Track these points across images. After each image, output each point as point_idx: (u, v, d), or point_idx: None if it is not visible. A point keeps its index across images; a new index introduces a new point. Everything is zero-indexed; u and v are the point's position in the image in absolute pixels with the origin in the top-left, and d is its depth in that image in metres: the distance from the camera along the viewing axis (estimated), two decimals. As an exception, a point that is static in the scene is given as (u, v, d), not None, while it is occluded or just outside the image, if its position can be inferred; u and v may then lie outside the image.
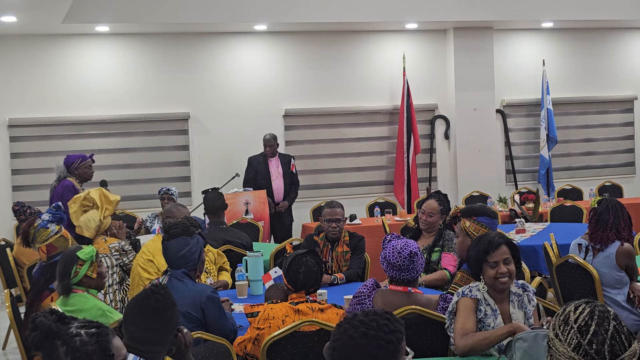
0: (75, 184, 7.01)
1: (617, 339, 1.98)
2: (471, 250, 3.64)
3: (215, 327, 3.83)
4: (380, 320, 2.23)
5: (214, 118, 9.86)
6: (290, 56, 10.16)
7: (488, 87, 10.59)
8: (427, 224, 5.45)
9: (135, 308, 2.79)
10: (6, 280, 6.75)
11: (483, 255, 3.53)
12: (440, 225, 5.44)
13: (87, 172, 7.21)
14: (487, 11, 9.98)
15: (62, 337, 2.06)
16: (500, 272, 3.49)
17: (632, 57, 11.51)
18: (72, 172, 7.09)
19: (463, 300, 3.50)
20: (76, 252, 4.19)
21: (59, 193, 6.87)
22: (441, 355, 3.72)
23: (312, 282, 3.86)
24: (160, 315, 2.77)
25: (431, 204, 5.48)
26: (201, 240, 4.07)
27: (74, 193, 6.84)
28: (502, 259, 3.52)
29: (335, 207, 5.66)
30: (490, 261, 3.51)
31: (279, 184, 9.00)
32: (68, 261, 4.16)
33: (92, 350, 2.06)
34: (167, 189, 8.00)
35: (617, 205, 4.97)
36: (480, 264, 3.54)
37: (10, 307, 4.61)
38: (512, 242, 3.63)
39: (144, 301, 2.79)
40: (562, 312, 2.07)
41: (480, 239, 3.63)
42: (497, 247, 3.54)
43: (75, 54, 9.49)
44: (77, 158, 7.18)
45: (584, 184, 10.49)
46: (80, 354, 2.05)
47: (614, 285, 4.91)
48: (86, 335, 2.07)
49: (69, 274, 4.12)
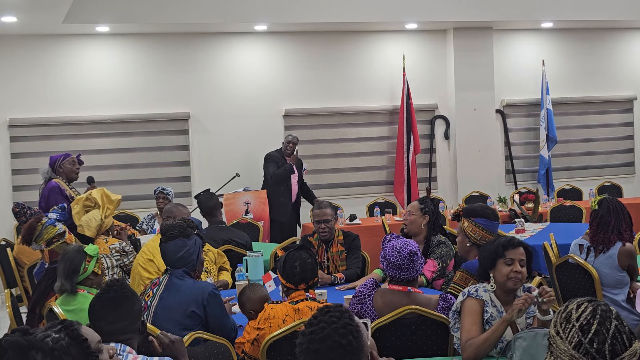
0: (61, 184, 6.93)
1: (619, 338, 1.98)
2: (488, 244, 3.63)
3: (217, 325, 3.83)
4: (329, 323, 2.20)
5: (214, 118, 9.87)
6: (290, 56, 10.17)
7: (488, 87, 10.60)
8: (407, 223, 5.37)
9: (97, 305, 3.01)
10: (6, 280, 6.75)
11: (502, 249, 3.52)
12: (422, 226, 5.34)
13: (72, 169, 7.10)
14: (487, 11, 9.98)
15: (35, 345, 2.05)
16: (515, 271, 3.48)
17: (632, 57, 11.51)
18: (57, 171, 7.04)
19: (469, 301, 3.48)
20: (83, 249, 4.20)
21: (45, 195, 6.83)
22: (441, 355, 3.72)
23: (310, 273, 3.83)
24: (121, 304, 2.98)
25: (412, 203, 5.46)
26: (199, 241, 4.07)
27: (60, 194, 6.81)
28: (518, 259, 3.52)
29: (323, 208, 5.63)
30: (508, 257, 3.50)
31: (295, 185, 9.06)
32: (76, 258, 4.16)
33: (66, 343, 2.08)
34: (163, 189, 8.01)
35: (618, 206, 4.97)
36: (495, 260, 3.51)
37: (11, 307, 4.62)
38: (528, 248, 3.63)
39: (102, 296, 3.03)
40: (564, 309, 2.06)
41: (498, 238, 3.65)
42: (516, 246, 3.55)
43: (76, 54, 9.49)
44: (60, 156, 7.14)
45: (584, 184, 10.50)
46: (57, 352, 2.05)
47: (614, 285, 4.92)
48: (54, 333, 2.09)
49: (78, 270, 4.12)
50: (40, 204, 6.80)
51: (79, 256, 4.16)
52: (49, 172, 7.03)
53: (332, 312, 2.21)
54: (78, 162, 7.21)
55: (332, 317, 2.19)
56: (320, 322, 2.19)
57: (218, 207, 6.44)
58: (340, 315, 2.20)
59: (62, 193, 6.86)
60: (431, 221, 5.35)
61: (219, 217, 6.42)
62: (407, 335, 3.74)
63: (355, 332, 2.19)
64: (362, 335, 2.20)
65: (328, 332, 2.16)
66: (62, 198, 6.77)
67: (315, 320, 2.21)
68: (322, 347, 2.15)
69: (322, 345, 2.15)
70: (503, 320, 3.34)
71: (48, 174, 7.02)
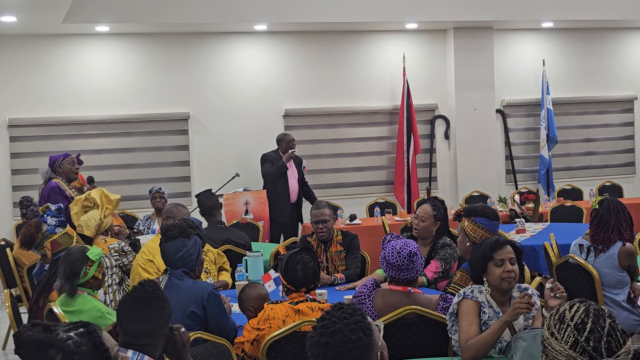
0: (61, 185, 6.96)
1: (613, 335, 1.99)
2: (475, 249, 3.62)
3: (216, 325, 3.83)
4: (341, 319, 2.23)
5: (214, 118, 9.86)
6: (290, 56, 10.16)
7: (488, 87, 10.59)
8: (419, 229, 5.34)
9: (126, 303, 2.88)
10: (6, 281, 6.75)
11: (490, 252, 3.49)
12: (432, 232, 5.33)
13: (71, 169, 7.15)
14: (487, 11, 9.98)
15: (55, 344, 2.02)
16: (507, 271, 3.46)
17: (632, 57, 11.51)
18: (56, 171, 7.07)
19: (465, 303, 3.47)
20: (86, 253, 4.19)
21: (45, 196, 6.86)
22: (441, 355, 3.72)
23: (312, 278, 3.85)
24: (151, 306, 2.84)
25: (425, 208, 5.37)
26: (199, 242, 4.07)
27: (60, 194, 6.84)
28: (508, 258, 3.50)
29: (321, 208, 5.62)
30: (497, 259, 3.47)
31: (294, 184, 9.03)
32: (78, 261, 4.15)
33: (88, 349, 2.04)
34: (159, 188, 8.02)
35: (618, 206, 4.97)
36: (486, 263, 3.50)
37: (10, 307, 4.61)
38: (515, 245, 3.62)
39: (134, 295, 2.88)
40: (557, 312, 2.07)
41: (484, 241, 3.62)
42: (503, 246, 3.53)
43: (75, 54, 9.49)
44: (60, 156, 7.18)
45: (584, 184, 10.49)
46: (78, 356, 2.02)
47: (615, 285, 4.91)
48: (77, 336, 2.04)
49: (79, 274, 4.11)
50: (40, 203, 6.81)
51: (80, 260, 4.15)
52: (49, 172, 7.04)
53: (345, 309, 2.26)
54: (77, 162, 7.23)
55: (345, 313, 2.24)
56: (333, 317, 2.24)
57: (217, 207, 6.43)
58: (353, 312, 2.25)
59: (62, 193, 6.88)
60: (441, 226, 5.35)
61: (218, 217, 6.41)
62: (407, 336, 3.73)
63: (366, 329, 2.22)
64: (373, 334, 2.24)
65: (339, 327, 2.20)
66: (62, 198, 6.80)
67: (328, 315, 2.26)
68: (332, 341, 2.18)
69: (332, 339, 2.18)
70: (503, 321, 3.33)
71: (48, 174, 7.04)
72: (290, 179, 8.99)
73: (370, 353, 2.20)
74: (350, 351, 2.17)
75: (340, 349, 2.17)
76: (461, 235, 4.46)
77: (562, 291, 3.25)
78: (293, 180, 9.03)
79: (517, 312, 3.31)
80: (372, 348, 2.22)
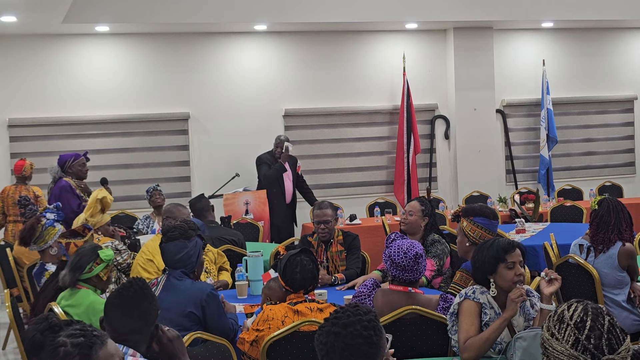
0: (72, 183, 7.04)
1: (614, 332, 1.99)
2: (484, 250, 3.54)
3: (215, 326, 3.82)
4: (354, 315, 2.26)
5: (214, 118, 9.86)
6: (290, 56, 10.16)
7: (488, 87, 10.59)
8: (407, 223, 5.37)
9: (115, 299, 2.92)
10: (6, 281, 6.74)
11: (503, 254, 3.46)
12: (421, 227, 5.35)
13: (81, 170, 7.23)
14: (487, 11, 9.98)
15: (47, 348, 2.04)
16: (519, 274, 3.45)
17: (632, 57, 11.51)
18: (67, 171, 7.13)
19: (466, 303, 3.46)
20: (97, 251, 4.20)
21: (56, 194, 6.91)
22: (441, 355, 3.72)
23: (310, 280, 3.85)
24: (138, 303, 2.89)
25: (413, 203, 5.44)
26: (200, 243, 4.07)
27: (71, 192, 6.90)
28: (518, 260, 3.49)
29: (324, 209, 5.62)
30: (509, 261, 3.45)
31: (289, 185, 9.02)
32: (87, 255, 4.16)
33: None
34: (156, 185, 8.03)
35: (618, 206, 4.96)
36: (496, 265, 3.46)
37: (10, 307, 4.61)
38: (523, 247, 3.60)
39: (122, 292, 2.93)
40: (555, 312, 2.08)
41: (493, 242, 3.55)
42: (515, 249, 3.50)
43: (75, 54, 9.49)
44: (70, 157, 7.22)
45: (584, 184, 10.50)
46: None
47: (615, 285, 4.91)
48: (71, 345, 2.05)
49: (83, 267, 4.12)
50: (50, 202, 6.85)
51: (89, 255, 4.17)
52: (59, 172, 7.11)
53: (360, 307, 2.29)
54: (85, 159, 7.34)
55: (359, 310, 2.27)
56: (347, 311, 2.27)
57: (208, 209, 6.48)
58: (367, 311, 2.28)
59: (73, 191, 6.97)
60: (429, 222, 5.37)
61: (209, 217, 6.45)
62: (408, 336, 3.73)
63: (377, 329, 2.24)
64: (382, 336, 2.26)
65: (352, 320, 2.22)
66: (73, 196, 6.91)
67: (342, 310, 2.28)
68: (344, 332, 2.20)
69: (344, 330, 2.21)
70: (504, 318, 3.33)
71: (58, 174, 7.11)
72: (285, 181, 8.97)
73: (377, 353, 2.22)
74: (359, 346, 2.19)
75: (349, 341, 2.19)
76: (460, 235, 4.46)
77: (556, 275, 3.27)
78: (288, 181, 9.01)
79: (514, 304, 3.32)
80: (380, 350, 2.23)
